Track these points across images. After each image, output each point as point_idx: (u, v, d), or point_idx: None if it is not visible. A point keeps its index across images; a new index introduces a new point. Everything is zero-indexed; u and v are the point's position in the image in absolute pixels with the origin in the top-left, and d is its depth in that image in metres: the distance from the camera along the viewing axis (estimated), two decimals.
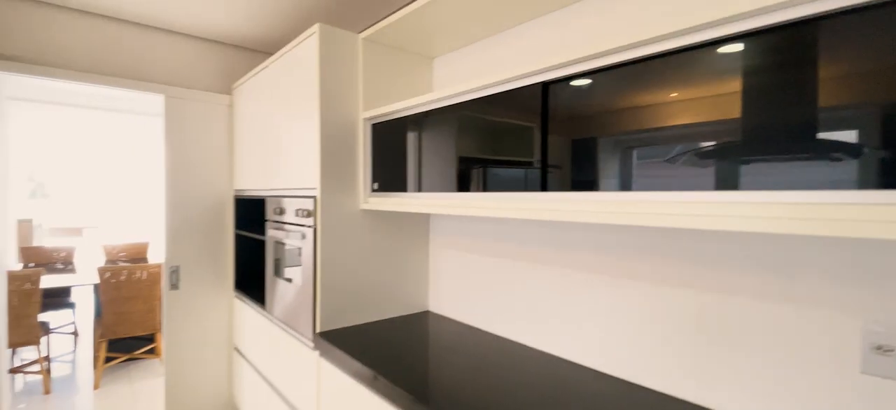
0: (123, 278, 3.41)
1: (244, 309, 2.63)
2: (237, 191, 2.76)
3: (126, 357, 3.75)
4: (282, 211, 2.11)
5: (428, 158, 1.58)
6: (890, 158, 0.67)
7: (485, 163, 1.37)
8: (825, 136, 0.73)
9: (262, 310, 2.36)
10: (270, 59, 2.22)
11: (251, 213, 2.64)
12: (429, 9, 1.59)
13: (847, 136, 0.71)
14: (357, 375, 1.49)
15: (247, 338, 2.60)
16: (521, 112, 1.24)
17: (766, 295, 1.06)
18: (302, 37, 1.89)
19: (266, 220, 2.31)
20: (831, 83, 0.72)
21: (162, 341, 3.55)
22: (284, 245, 2.10)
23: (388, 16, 1.75)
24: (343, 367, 1.59)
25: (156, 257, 5.27)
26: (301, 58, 1.92)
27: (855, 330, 0.94)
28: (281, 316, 2.12)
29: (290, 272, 2.03)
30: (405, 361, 1.48)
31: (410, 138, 1.66)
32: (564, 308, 1.52)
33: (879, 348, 0.91)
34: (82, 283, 3.79)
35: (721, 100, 0.84)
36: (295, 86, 1.98)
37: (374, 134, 1.87)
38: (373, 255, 1.95)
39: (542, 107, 1.17)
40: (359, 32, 1.95)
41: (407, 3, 1.68)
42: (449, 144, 1.48)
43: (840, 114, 0.72)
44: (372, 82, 1.91)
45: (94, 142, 6.98)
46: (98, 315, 3.77)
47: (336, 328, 1.84)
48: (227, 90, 2.84)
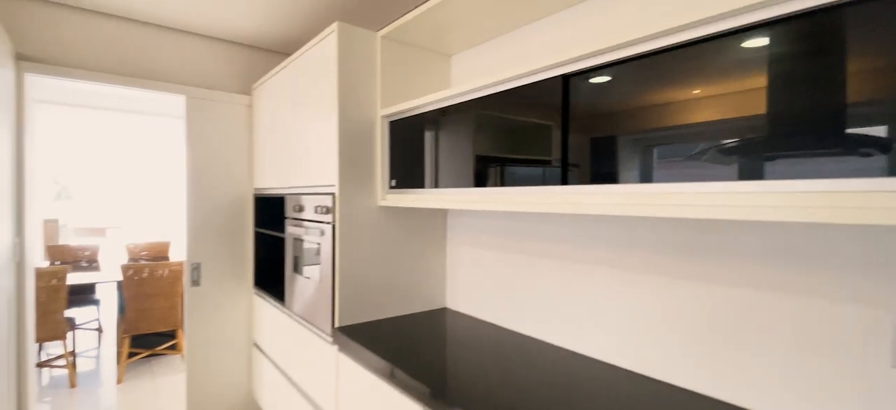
0: (146, 275, 3.49)
1: (264, 305, 2.67)
2: (257, 189, 2.80)
3: (148, 353, 3.84)
4: (301, 209, 2.14)
5: (446, 155, 1.58)
6: None
7: (502, 161, 1.37)
8: (854, 132, 0.72)
9: (281, 307, 2.39)
10: (289, 59, 2.25)
11: (270, 211, 2.68)
12: (444, 5, 1.60)
13: (877, 131, 0.70)
14: (375, 369, 1.51)
15: (266, 334, 2.64)
16: (539, 109, 1.24)
17: (791, 288, 1.04)
18: (321, 35, 1.92)
19: (285, 218, 2.34)
20: (860, 76, 0.71)
21: (183, 337, 3.62)
22: (303, 242, 2.13)
23: (405, 14, 1.76)
24: (361, 361, 1.61)
25: (176, 255, 5.37)
26: (320, 56, 1.95)
27: (884, 323, 0.92)
28: (300, 312, 2.14)
29: (308, 268, 2.06)
30: (423, 356, 1.49)
31: (428, 135, 1.67)
32: (583, 304, 1.51)
33: None
34: (106, 280, 3.89)
35: (745, 95, 0.83)
36: (314, 85, 2.01)
37: (391, 131, 1.88)
38: (390, 252, 1.96)
39: (563, 102, 1.17)
40: (377, 31, 1.96)
41: (423, 0, 1.69)
42: (467, 142, 1.49)
43: (869, 109, 0.70)
44: (390, 80, 1.92)
45: (116, 144, 7.16)
46: (121, 311, 3.86)
47: (354, 323, 1.85)
48: (247, 91, 2.89)
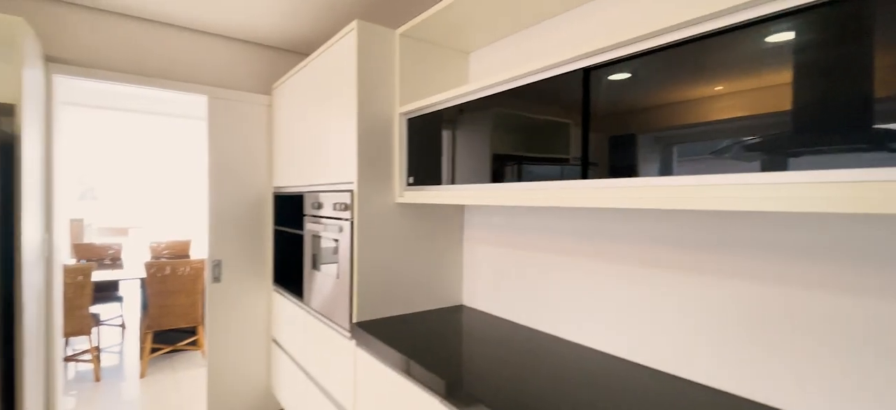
0: (168, 273, 3.57)
1: (282, 302, 2.71)
2: (276, 187, 2.84)
3: (170, 349, 3.92)
4: (319, 206, 2.17)
5: (463, 152, 1.59)
6: None
7: (520, 159, 1.37)
8: (883, 126, 0.70)
9: (299, 303, 2.42)
10: (309, 58, 2.28)
11: (289, 209, 2.71)
12: (460, 3, 1.60)
13: None
14: (392, 363, 1.52)
15: (285, 330, 2.67)
16: (558, 106, 1.23)
17: (833, 286, 1.02)
18: (340, 34, 1.94)
19: (304, 215, 2.37)
20: (891, 69, 0.69)
21: (204, 332, 3.69)
22: (321, 239, 2.15)
23: (424, 11, 1.77)
24: (379, 356, 1.62)
25: (197, 254, 5.47)
26: (339, 54, 1.97)
27: None
28: (318, 308, 2.17)
29: (327, 265, 2.08)
30: (440, 351, 1.50)
31: (446, 132, 1.68)
32: (601, 300, 1.50)
33: None
34: (130, 277, 3.98)
35: (769, 90, 0.82)
36: (333, 83, 2.03)
37: (409, 128, 1.89)
38: (407, 249, 1.97)
39: (584, 97, 1.16)
40: (395, 28, 1.98)
41: None
42: (484, 140, 1.49)
43: None
44: (408, 77, 1.94)
45: (139, 146, 7.34)
46: (144, 308, 3.95)
47: (372, 319, 1.87)
48: (267, 91, 2.93)
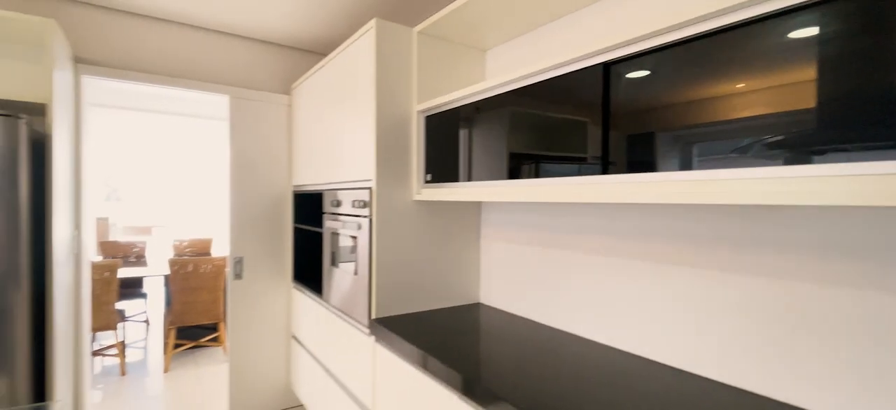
0: (191, 270, 3.64)
1: (302, 298, 2.75)
2: (296, 186, 2.88)
3: (192, 345, 4.01)
4: (338, 204, 2.19)
5: (481, 150, 1.59)
6: None
7: (537, 158, 1.36)
8: None
9: (319, 299, 2.45)
10: (327, 58, 2.31)
11: (309, 207, 2.74)
12: (476, 1, 1.60)
13: None
14: (411, 359, 1.53)
15: (304, 327, 2.71)
16: (576, 103, 1.22)
17: (859, 283, 1.00)
18: (359, 32, 1.96)
19: (323, 213, 2.40)
20: None
21: (225, 330, 3.76)
22: (340, 236, 2.17)
23: (441, 9, 1.78)
24: (398, 351, 1.63)
25: (219, 251, 5.58)
26: (358, 53, 1.99)
27: None
28: (337, 304, 2.19)
29: (346, 262, 2.10)
30: (458, 348, 1.50)
31: (463, 130, 1.68)
32: (620, 298, 1.49)
33: None
34: (154, 274, 4.08)
35: (792, 87, 0.80)
36: (352, 81, 2.05)
37: (427, 126, 1.90)
38: (425, 246, 1.98)
39: (604, 92, 1.15)
40: (413, 27, 1.99)
41: None
42: (501, 137, 1.49)
43: None
44: (426, 76, 1.95)
45: (162, 146, 7.51)
46: (168, 304, 4.05)
47: (390, 315, 1.88)
48: (287, 90, 2.98)
